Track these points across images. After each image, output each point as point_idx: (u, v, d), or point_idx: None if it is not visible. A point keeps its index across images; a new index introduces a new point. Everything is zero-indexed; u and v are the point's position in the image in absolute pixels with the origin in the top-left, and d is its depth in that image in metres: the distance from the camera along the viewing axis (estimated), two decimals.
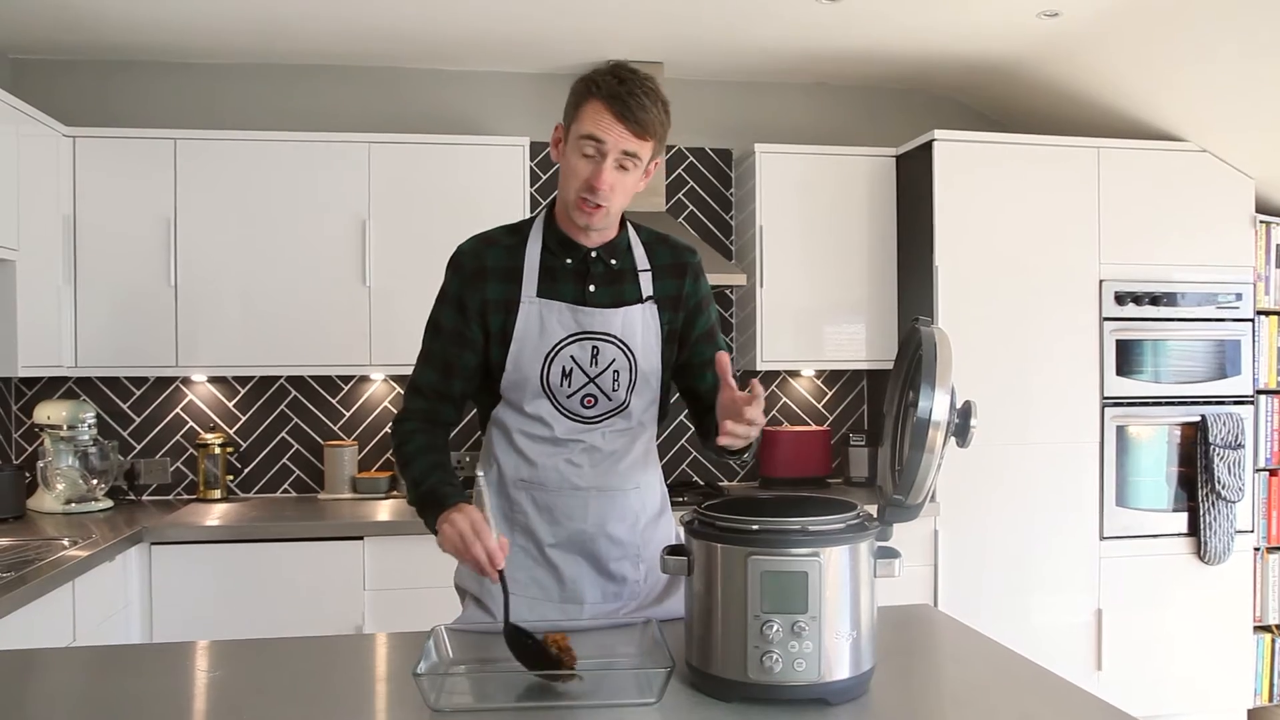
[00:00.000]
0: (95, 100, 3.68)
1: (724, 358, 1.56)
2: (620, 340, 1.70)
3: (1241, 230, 3.71)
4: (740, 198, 3.95)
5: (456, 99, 3.89)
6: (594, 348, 1.68)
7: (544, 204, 1.77)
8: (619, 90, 1.57)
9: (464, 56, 3.76)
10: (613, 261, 1.72)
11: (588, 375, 1.69)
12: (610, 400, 1.71)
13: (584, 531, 1.73)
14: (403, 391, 3.82)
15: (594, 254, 1.71)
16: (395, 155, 3.50)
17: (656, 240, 1.80)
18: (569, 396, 1.69)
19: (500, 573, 1.51)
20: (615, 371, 1.70)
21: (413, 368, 1.78)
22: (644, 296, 1.74)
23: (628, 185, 1.64)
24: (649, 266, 1.76)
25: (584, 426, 1.71)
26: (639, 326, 1.72)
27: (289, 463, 3.78)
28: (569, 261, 1.70)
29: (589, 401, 1.70)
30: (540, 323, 1.67)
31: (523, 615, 1.67)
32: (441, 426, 1.77)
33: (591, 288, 1.70)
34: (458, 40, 3.56)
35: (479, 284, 1.69)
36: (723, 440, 1.51)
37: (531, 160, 3.83)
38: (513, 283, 1.69)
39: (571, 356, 1.68)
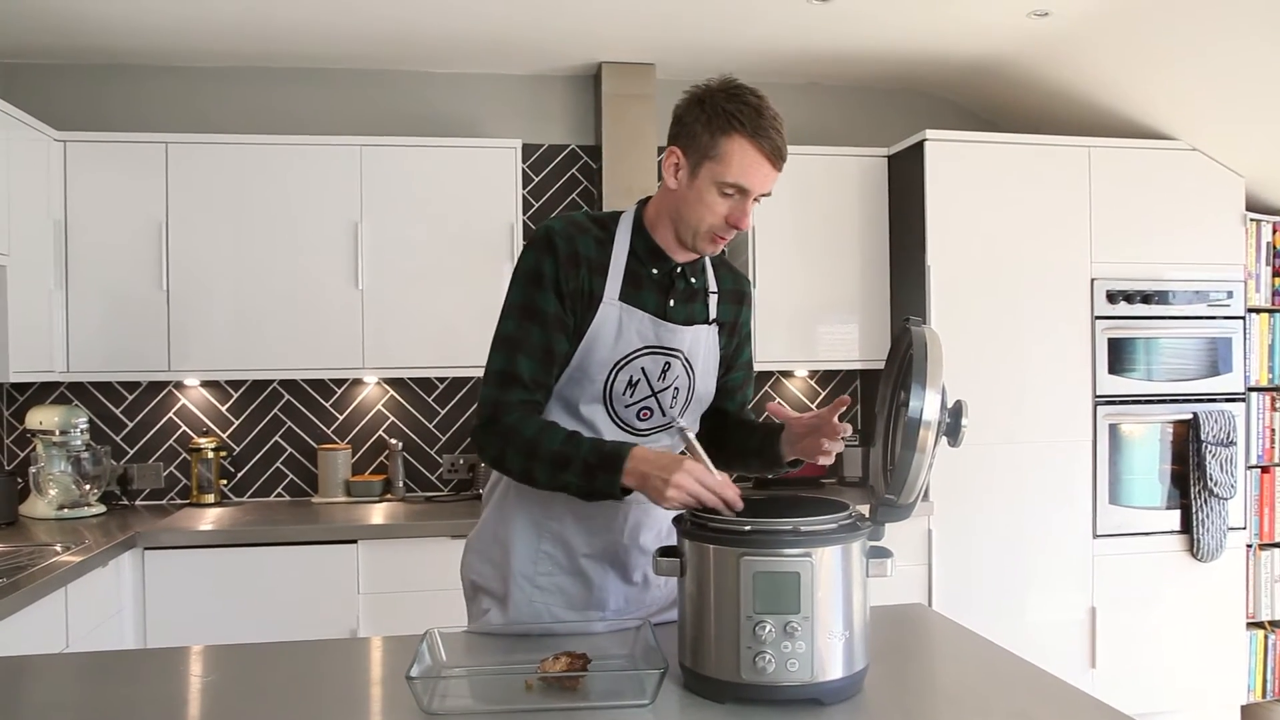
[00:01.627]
0: (86, 104, 3.67)
1: (775, 408, 1.61)
2: (687, 359, 1.69)
3: (1232, 228, 3.72)
4: None
5: (448, 101, 3.89)
6: (665, 363, 1.66)
7: (635, 204, 1.72)
8: (760, 124, 1.54)
9: (455, 59, 3.76)
10: (693, 280, 1.71)
11: (652, 389, 1.66)
12: (665, 416, 1.70)
13: (618, 542, 1.72)
14: (398, 394, 3.82)
15: (680, 269, 1.68)
16: (387, 158, 3.50)
17: (719, 264, 1.80)
18: (627, 406, 1.66)
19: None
20: (676, 389, 1.69)
21: (493, 359, 1.62)
22: (710, 319, 1.74)
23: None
24: (716, 290, 1.76)
25: (633, 438, 1.68)
26: (703, 348, 1.72)
27: (282, 467, 3.78)
28: (655, 272, 1.67)
29: (645, 414, 1.67)
30: (619, 328, 1.63)
31: (542, 619, 1.68)
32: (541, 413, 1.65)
33: (672, 303, 1.68)
34: (449, 42, 3.56)
35: (574, 269, 1.61)
36: (822, 460, 1.58)
37: (524, 162, 3.83)
38: (598, 277, 1.62)
39: (642, 368, 1.65)
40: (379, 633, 2.77)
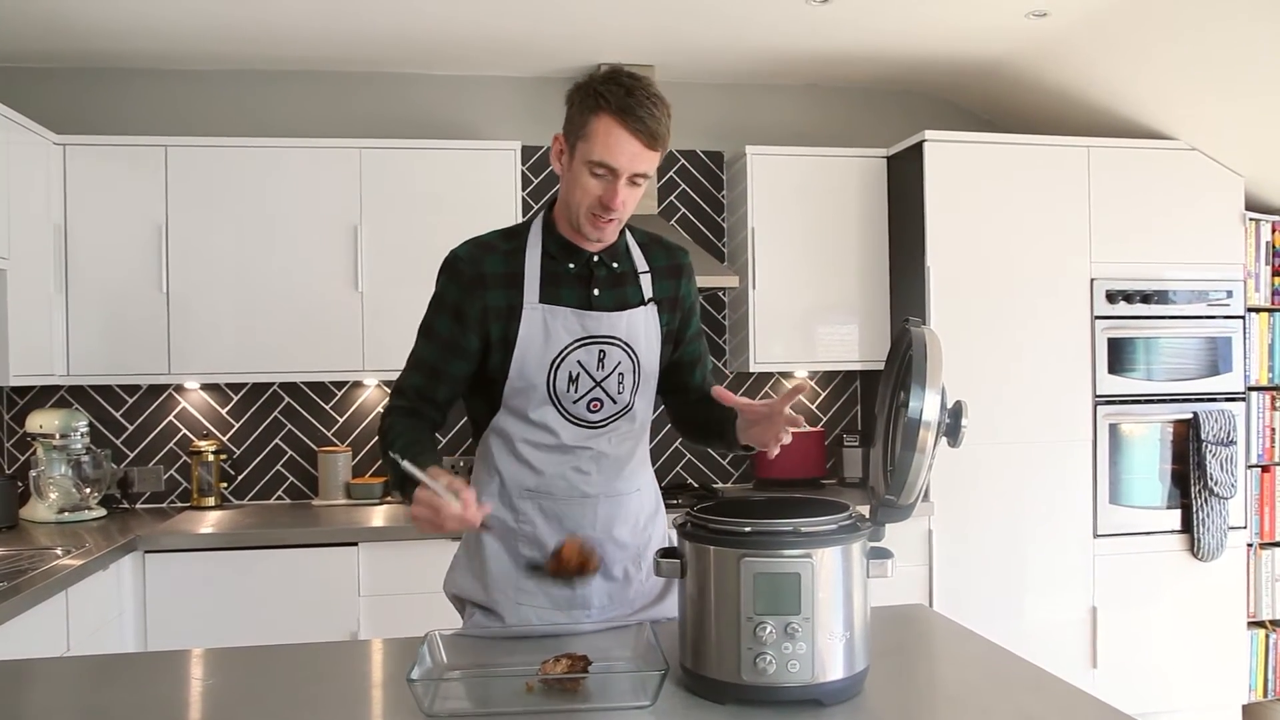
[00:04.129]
0: (85, 108, 3.67)
1: (720, 392, 1.59)
2: (625, 343, 1.69)
3: (1231, 228, 3.72)
4: (732, 200, 3.96)
5: (447, 103, 3.89)
6: (600, 351, 1.68)
7: (538, 207, 1.75)
8: (628, 102, 1.54)
9: (455, 61, 3.76)
10: (615, 265, 1.72)
11: (594, 379, 1.68)
12: (615, 403, 1.71)
13: (592, 538, 1.72)
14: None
15: (596, 258, 1.69)
16: (386, 160, 3.50)
17: (650, 241, 1.80)
18: (575, 401, 1.67)
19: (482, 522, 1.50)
20: (620, 374, 1.70)
21: (403, 367, 1.75)
22: (645, 299, 1.74)
23: (637, 196, 1.63)
24: (648, 268, 1.76)
25: (591, 432, 1.70)
26: (642, 329, 1.72)
27: (283, 469, 3.78)
28: (571, 266, 1.68)
29: (595, 405, 1.69)
30: (545, 329, 1.65)
31: (531, 622, 1.69)
32: (425, 420, 1.74)
33: (596, 292, 1.69)
34: (448, 44, 3.56)
35: (478, 291, 1.65)
36: (773, 450, 1.56)
37: (523, 164, 3.83)
38: (513, 289, 1.66)
39: (579, 361, 1.66)
40: (379, 635, 2.77)
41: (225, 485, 3.71)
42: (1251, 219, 3.77)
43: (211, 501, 3.61)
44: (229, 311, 3.42)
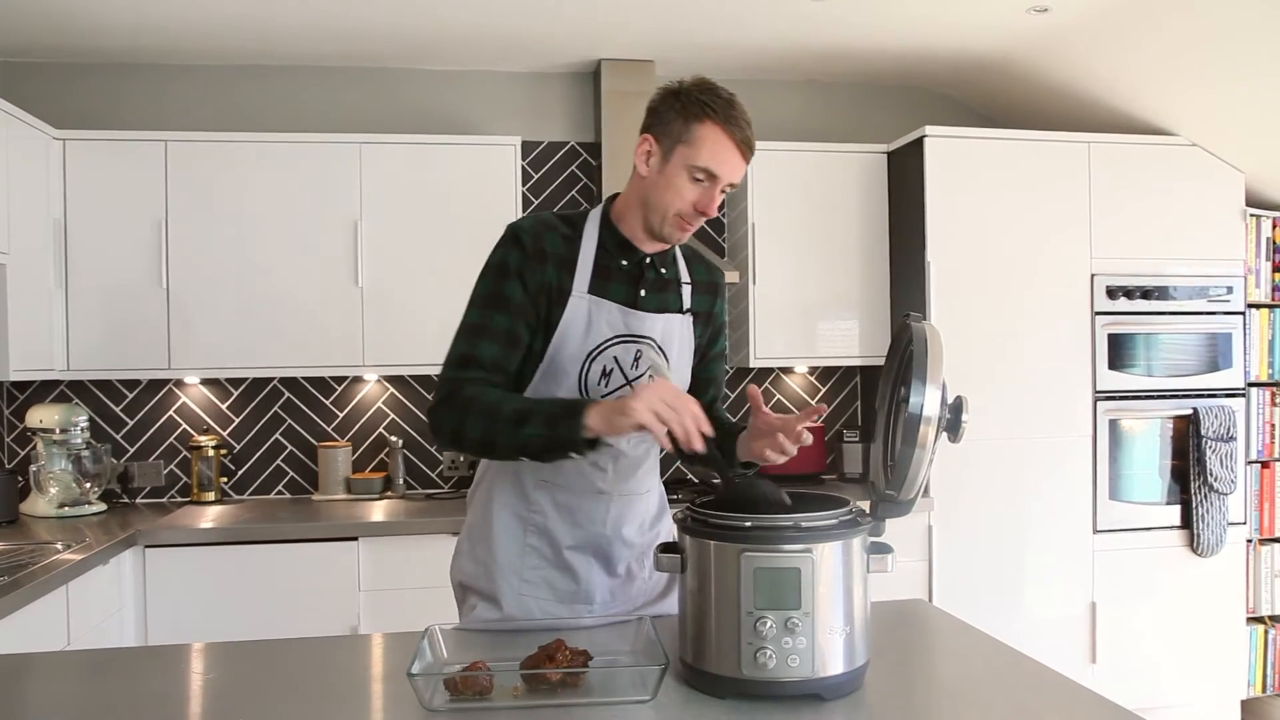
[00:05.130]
0: (85, 103, 3.66)
1: (755, 391, 1.60)
2: (660, 346, 1.71)
3: (1232, 224, 3.72)
4: (732, 195, 3.95)
5: (447, 98, 3.89)
6: (637, 351, 1.69)
7: (600, 201, 1.76)
8: (732, 114, 1.58)
9: (455, 56, 3.75)
10: (663, 270, 1.74)
11: (626, 377, 1.69)
12: None
13: (602, 535, 1.74)
14: (398, 392, 3.82)
15: (648, 260, 1.72)
16: (386, 155, 3.50)
17: (693, 256, 1.84)
18: (603, 396, 1.68)
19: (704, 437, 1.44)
20: (650, 376, 1.70)
21: (455, 346, 1.64)
22: (684, 309, 1.77)
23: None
24: (689, 280, 1.79)
25: None
26: (676, 336, 1.75)
27: (283, 464, 3.78)
28: (624, 263, 1.70)
29: None
30: (588, 320, 1.66)
31: (533, 614, 1.69)
32: None
33: (643, 292, 1.71)
34: (448, 40, 3.56)
35: (540, 264, 1.64)
36: (769, 457, 1.58)
37: (523, 159, 3.82)
38: (565, 272, 1.66)
39: (614, 357, 1.67)
40: (379, 629, 2.77)
41: (225, 480, 3.71)
42: (1252, 215, 3.77)
43: (211, 496, 3.61)
44: (229, 306, 3.42)
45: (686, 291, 1.78)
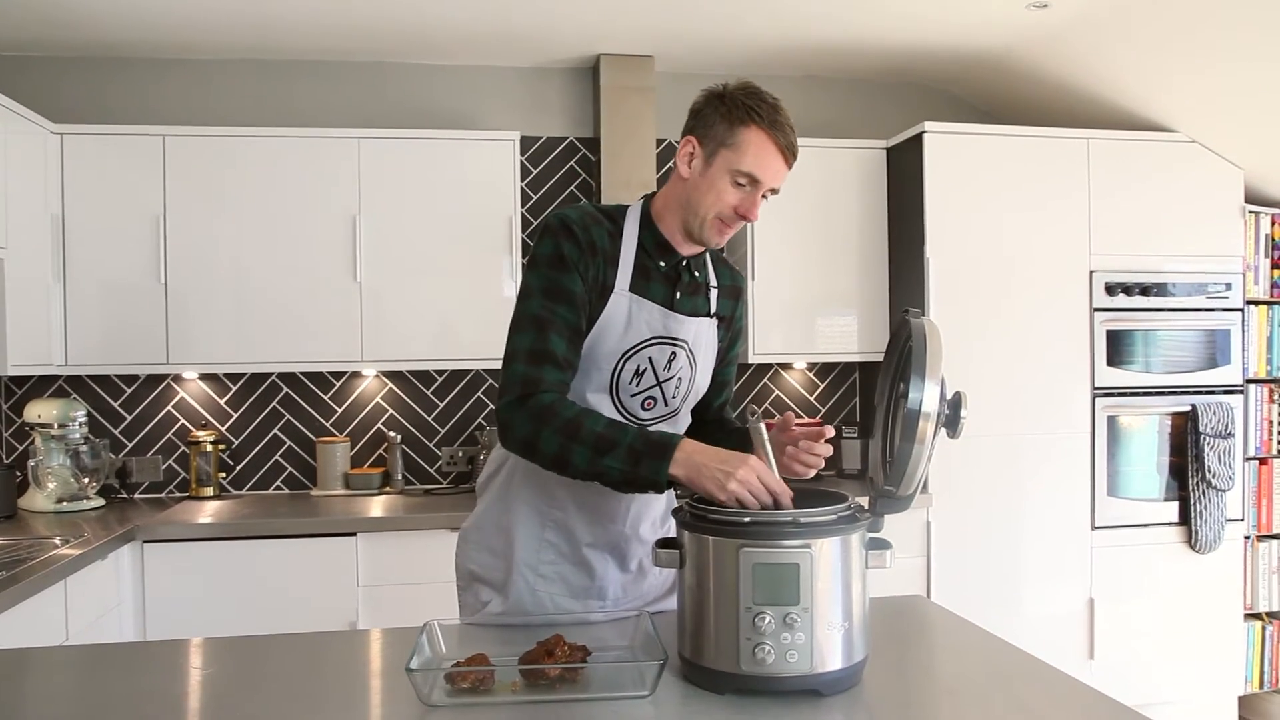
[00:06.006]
0: (83, 97, 3.66)
1: (790, 416, 1.62)
2: (691, 350, 1.72)
3: (1231, 220, 3.72)
4: None
5: (446, 93, 3.88)
6: (671, 353, 1.69)
7: (639, 199, 1.75)
8: (777, 120, 1.59)
9: (453, 51, 3.75)
10: (696, 274, 1.75)
11: (657, 378, 1.69)
12: (667, 406, 1.72)
13: (621, 533, 1.74)
14: (396, 387, 3.81)
15: (685, 262, 1.72)
16: (385, 150, 3.49)
17: (719, 260, 1.84)
18: (633, 396, 1.68)
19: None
20: (679, 379, 1.71)
21: (520, 338, 1.58)
22: (712, 312, 1.78)
23: None
24: (716, 284, 1.80)
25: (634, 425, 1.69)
26: (704, 339, 1.76)
27: (281, 459, 3.78)
28: (662, 265, 1.69)
29: (649, 404, 1.70)
30: (628, 318, 1.65)
31: (545, 607, 1.69)
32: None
33: (679, 295, 1.71)
34: (447, 35, 3.55)
35: (591, 256, 1.62)
36: (798, 471, 1.59)
37: (522, 154, 3.82)
38: (610, 268, 1.65)
39: (649, 358, 1.67)
40: (378, 625, 2.78)
41: (223, 475, 3.71)
42: (1251, 211, 3.77)
43: (210, 491, 3.61)
44: (227, 301, 3.42)
45: (714, 295, 1.79)
